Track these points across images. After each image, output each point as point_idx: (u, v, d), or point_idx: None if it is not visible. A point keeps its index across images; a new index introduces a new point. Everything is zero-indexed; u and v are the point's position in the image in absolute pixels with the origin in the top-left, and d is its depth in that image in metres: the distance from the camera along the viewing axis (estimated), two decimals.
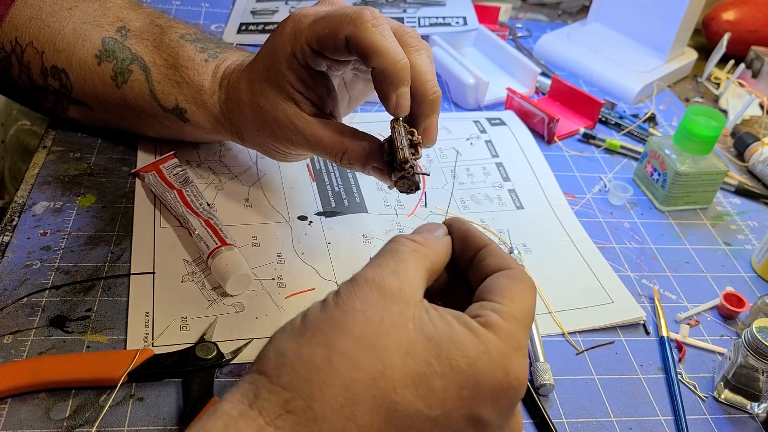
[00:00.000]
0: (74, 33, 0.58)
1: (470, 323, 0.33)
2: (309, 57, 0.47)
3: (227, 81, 0.55)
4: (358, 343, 0.31)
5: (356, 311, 0.31)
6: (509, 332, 0.33)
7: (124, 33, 0.58)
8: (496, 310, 0.33)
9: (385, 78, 0.43)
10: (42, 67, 0.59)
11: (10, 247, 0.54)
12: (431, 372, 0.31)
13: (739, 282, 0.64)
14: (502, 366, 0.32)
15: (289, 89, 0.49)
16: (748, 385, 0.51)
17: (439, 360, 0.31)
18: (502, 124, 0.78)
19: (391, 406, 0.30)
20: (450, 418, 0.31)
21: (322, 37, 0.45)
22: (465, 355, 0.31)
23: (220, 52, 0.58)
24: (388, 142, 0.46)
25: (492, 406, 0.32)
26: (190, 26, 0.61)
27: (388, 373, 0.30)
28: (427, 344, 0.31)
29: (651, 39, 0.91)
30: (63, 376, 0.45)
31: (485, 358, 0.32)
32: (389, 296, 0.32)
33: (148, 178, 0.60)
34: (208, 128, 0.57)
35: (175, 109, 0.57)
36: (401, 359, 0.31)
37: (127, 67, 0.57)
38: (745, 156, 0.80)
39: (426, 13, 0.87)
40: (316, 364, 0.30)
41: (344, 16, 0.44)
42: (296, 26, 0.47)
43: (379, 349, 0.31)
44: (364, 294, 0.32)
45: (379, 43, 0.43)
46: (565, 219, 0.66)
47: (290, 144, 0.51)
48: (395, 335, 0.31)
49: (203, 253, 0.53)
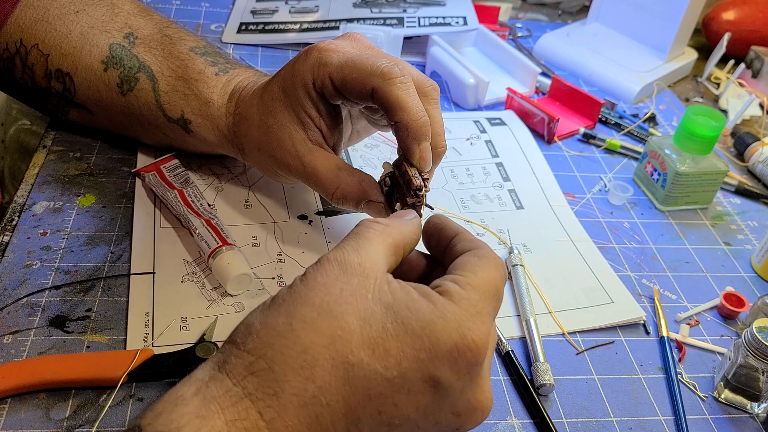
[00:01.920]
0: (81, 37, 0.58)
1: (428, 292, 0.35)
2: (328, 91, 0.49)
3: (238, 95, 0.55)
4: (318, 310, 0.33)
5: (318, 284, 0.34)
6: (467, 299, 0.34)
7: (132, 40, 0.58)
8: (455, 281, 0.36)
9: (409, 133, 0.46)
10: (46, 69, 0.58)
11: (10, 246, 0.54)
12: (387, 335, 0.33)
13: (739, 282, 0.64)
14: (458, 330, 0.33)
15: (301, 113, 0.50)
16: (748, 385, 0.51)
17: (395, 324, 0.33)
18: (502, 124, 0.78)
19: (349, 367, 0.32)
20: (407, 379, 0.33)
21: (348, 81, 0.47)
22: (420, 319, 0.33)
23: (230, 67, 0.58)
24: (390, 177, 0.49)
25: (449, 369, 0.33)
26: (199, 39, 0.61)
27: (346, 336, 0.32)
28: (385, 311, 0.33)
29: (651, 39, 0.91)
30: (63, 376, 0.45)
31: (440, 322, 0.33)
32: (350, 270, 0.34)
33: (148, 178, 0.60)
34: (211, 141, 0.57)
35: (180, 120, 0.57)
36: (359, 324, 0.33)
37: (134, 75, 0.57)
38: (745, 156, 0.80)
39: (426, 13, 0.87)
40: (278, 330, 0.33)
41: (374, 69, 0.46)
42: (321, 58, 0.49)
43: (337, 315, 0.33)
44: (326, 269, 0.35)
45: (405, 101, 0.46)
46: (565, 219, 0.66)
47: (287, 169, 0.52)
48: (354, 303, 0.33)
49: (204, 252, 0.53)
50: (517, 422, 0.49)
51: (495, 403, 0.49)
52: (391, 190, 0.50)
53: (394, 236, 0.38)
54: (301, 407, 0.32)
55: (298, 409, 0.32)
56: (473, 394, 0.35)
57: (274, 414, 0.31)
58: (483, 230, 0.64)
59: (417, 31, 0.85)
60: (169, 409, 0.31)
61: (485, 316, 0.35)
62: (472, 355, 0.34)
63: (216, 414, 0.31)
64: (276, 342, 0.32)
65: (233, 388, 0.32)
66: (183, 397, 0.32)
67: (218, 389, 0.32)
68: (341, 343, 0.32)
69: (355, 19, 0.86)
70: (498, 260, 0.38)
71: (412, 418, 0.34)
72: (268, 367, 0.32)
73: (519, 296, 0.57)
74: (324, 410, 0.32)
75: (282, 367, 0.32)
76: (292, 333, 0.32)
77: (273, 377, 0.32)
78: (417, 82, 0.48)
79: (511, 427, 0.48)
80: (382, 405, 0.33)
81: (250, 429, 0.31)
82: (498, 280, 0.37)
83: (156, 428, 0.30)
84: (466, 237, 0.40)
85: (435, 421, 0.35)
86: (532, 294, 0.57)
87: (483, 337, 0.34)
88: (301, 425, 0.32)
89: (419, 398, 0.33)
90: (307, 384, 0.32)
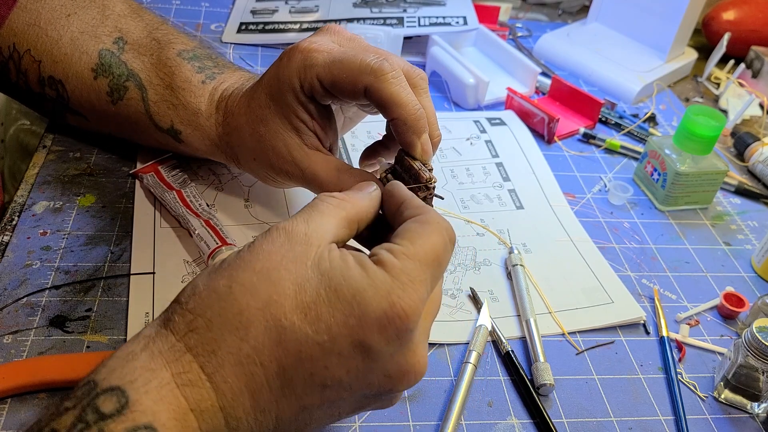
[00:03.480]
0: (72, 44, 0.57)
1: (364, 261, 0.36)
2: (318, 92, 0.48)
3: (225, 105, 0.54)
4: (257, 275, 0.34)
5: (262, 251, 0.35)
6: (399, 268, 0.35)
7: (122, 45, 0.57)
8: (390, 250, 0.36)
9: (407, 128, 0.46)
10: (39, 76, 0.58)
11: (10, 246, 0.54)
12: (320, 301, 0.34)
13: (739, 282, 0.64)
14: (387, 298, 0.34)
15: (293, 119, 0.49)
16: (748, 385, 0.51)
17: (327, 291, 0.34)
18: (502, 124, 0.78)
19: (281, 329, 0.34)
20: (337, 344, 0.34)
21: (338, 81, 0.46)
22: (351, 286, 0.34)
23: (218, 72, 0.57)
24: (392, 172, 0.48)
25: (379, 335, 0.34)
26: (189, 40, 0.59)
27: (281, 300, 0.34)
28: (320, 278, 0.35)
29: (651, 39, 0.91)
30: (63, 376, 0.45)
31: (370, 290, 0.34)
32: (294, 239, 0.36)
33: (146, 178, 0.60)
34: (204, 150, 0.57)
35: (170, 131, 0.56)
36: (294, 289, 0.34)
37: (123, 84, 0.57)
38: (745, 156, 0.80)
39: (426, 13, 0.87)
40: (219, 292, 0.35)
41: (365, 66, 0.45)
42: (306, 60, 0.47)
43: (274, 280, 0.34)
44: (273, 238, 0.36)
45: (400, 96, 0.45)
46: (565, 219, 0.66)
47: (285, 176, 0.52)
48: (293, 269, 0.35)
49: (204, 253, 0.53)
50: (517, 422, 0.49)
51: (495, 403, 0.50)
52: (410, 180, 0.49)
53: (347, 210, 0.39)
54: (237, 365, 0.34)
55: (234, 366, 0.34)
56: (404, 358, 0.36)
57: (213, 369, 0.34)
58: (483, 230, 0.64)
59: (417, 31, 0.85)
60: (121, 364, 0.33)
61: (419, 284, 0.35)
62: (401, 322, 0.34)
63: (163, 367, 0.33)
64: (215, 304, 0.34)
65: (176, 343, 0.34)
66: (133, 352, 0.34)
67: (163, 344, 0.34)
68: (275, 307, 0.34)
69: (355, 19, 0.86)
70: (441, 225, 0.38)
71: (344, 381, 0.35)
72: (207, 326, 0.34)
73: (519, 296, 0.57)
74: (258, 369, 0.34)
75: (219, 327, 0.34)
76: (231, 295, 0.34)
77: (211, 336, 0.34)
78: (406, 74, 0.48)
79: (511, 427, 0.48)
80: (313, 367, 0.34)
81: (194, 381, 0.33)
82: (439, 247, 0.37)
83: (110, 383, 0.32)
84: (412, 203, 0.40)
85: (367, 383, 0.36)
86: (532, 294, 0.57)
87: (413, 304, 0.35)
88: (238, 381, 0.34)
89: (349, 362, 0.35)
90: (241, 344, 0.34)
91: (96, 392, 0.32)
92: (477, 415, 0.49)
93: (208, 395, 0.33)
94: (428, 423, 0.48)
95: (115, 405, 0.31)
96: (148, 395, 0.32)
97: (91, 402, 0.32)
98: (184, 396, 0.33)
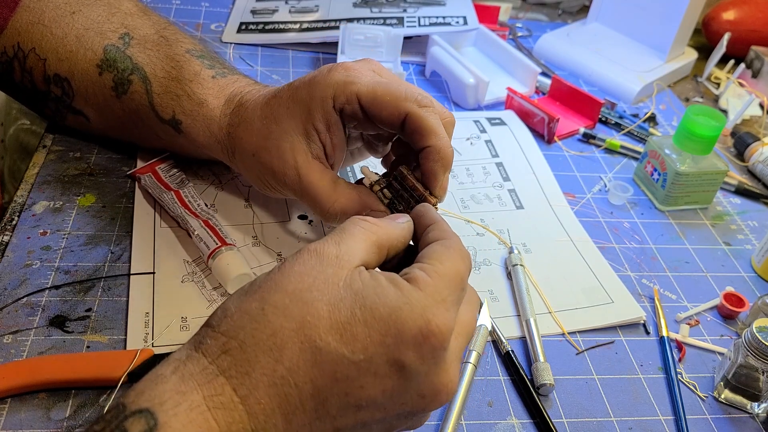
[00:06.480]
0: (77, 41, 0.57)
1: (396, 279, 0.36)
2: (352, 108, 0.49)
3: (239, 99, 0.54)
4: (290, 297, 0.34)
5: (293, 272, 0.35)
6: (432, 286, 0.36)
7: (127, 40, 0.58)
8: (423, 268, 0.37)
9: (439, 158, 0.48)
10: (45, 74, 0.58)
11: (10, 246, 0.54)
12: (355, 320, 0.34)
13: (739, 282, 0.64)
14: (423, 315, 0.34)
15: (308, 125, 0.50)
16: (748, 385, 0.51)
17: (363, 310, 0.34)
18: (502, 123, 0.78)
19: (316, 350, 0.34)
20: (373, 363, 0.34)
21: (380, 102, 0.48)
22: (387, 305, 0.34)
23: (228, 72, 0.58)
24: (389, 187, 0.49)
25: (414, 353, 0.34)
26: (196, 42, 0.60)
27: (315, 321, 0.34)
28: (354, 297, 0.35)
29: (651, 39, 0.91)
30: (63, 376, 0.45)
31: (406, 308, 0.34)
32: (326, 261, 0.36)
33: (144, 179, 0.60)
34: (201, 142, 0.56)
35: (171, 121, 0.56)
36: (328, 309, 0.34)
37: (127, 77, 0.57)
38: (745, 156, 0.80)
39: (426, 13, 0.87)
40: (251, 314, 0.34)
41: (409, 94, 0.48)
42: (348, 76, 0.49)
43: (307, 301, 0.34)
44: (303, 259, 0.36)
45: (439, 128, 0.48)
46: (565, 219, 0.66)
47: (280, 179, 0.51)
48: (325, 290, 0.35)
49: (203, 253, 0.53)
50: (517, 422, 0.49)
51: (495, 403, 0.50)
52: (392, 201, 0.50)
53: (379, 235, 0.39)
54: (271, 386, 0.33)
55: (268, 388, 0.33)
56: (438, 377, 0.36)
57: (246, 391, 0.33)
58: (483, 230, 0.64)
59: (417, 30, 0.85)
60: (150, 387, 0.33)
61: (449, 304, 0.36)
62: (437, 340, 0.35)
63: (194, 390, 0.33)
64: (248, 325, 0.34)
65: (209, 366, 0.34)
66: (163, 375, 0.33)
67: (195, 367, 0.34)
68: (310, 328, 0.34)
69: (355, 19, 0.86)
70: (464, 252, 0.39)
71: (378, 401, 0.35)
72: (239, 347, 0.34)
73: (519, 296, 0.57)
74: (292, 390, 0.34)
75: (253, 348, 0.34)
76: (264, 317, 0.34)
77: (245, 357, 0.34)
78: (439, 113, 0.50)
79: (511, 427, 0.48)
80: (349, 387, 0.34)
81: (226, 404, 0.33)
82: (463, 270, 0.38)
83: (139, 405, 0.32)
84: (440, 227, 0.41)
85: (401, 402, 0.36)
86: (532, 294, 0.57)
87: (447, 323, 0.35)
88: (271, 403, 0.33)
89: (385, 381, 0.35)
90: (276, 365, 0.33)
91: (124, 414, 0.32)
92: (477, 415, 0.49)
93: (240, 418, 0.33)
94: (428, 423, 0.48)
95: (144, 427, 0.31)
96: (177, 418, 0.32)
97: (120, 424, 0.31)
98: (215, 419, 0.32)
